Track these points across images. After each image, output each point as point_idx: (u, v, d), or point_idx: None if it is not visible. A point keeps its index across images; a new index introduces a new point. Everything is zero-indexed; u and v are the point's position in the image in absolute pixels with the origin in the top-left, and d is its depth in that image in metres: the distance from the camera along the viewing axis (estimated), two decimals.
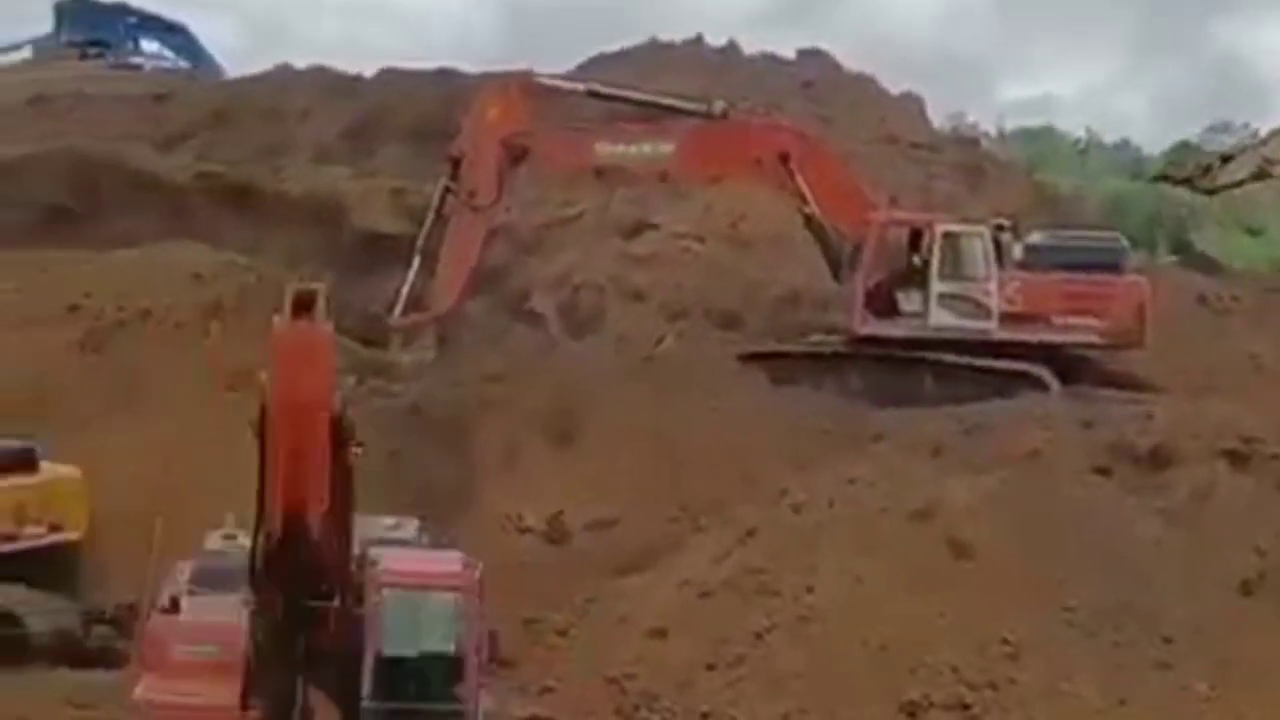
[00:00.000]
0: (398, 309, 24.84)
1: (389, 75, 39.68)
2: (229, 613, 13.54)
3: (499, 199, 24.90)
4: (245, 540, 13.41)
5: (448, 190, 24.69)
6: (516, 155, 24.75)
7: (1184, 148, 40.97)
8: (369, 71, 40.22)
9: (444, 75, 38.09)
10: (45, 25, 49.35)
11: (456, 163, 24.73)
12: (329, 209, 32.20)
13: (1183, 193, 32.56)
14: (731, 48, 38.55)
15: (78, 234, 29.25)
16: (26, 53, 47.79)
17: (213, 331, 23.37)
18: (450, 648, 13.27)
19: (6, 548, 19.67)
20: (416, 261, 24.75)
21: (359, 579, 13.47)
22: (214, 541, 15.08)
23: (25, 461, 20.35)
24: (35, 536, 20.11)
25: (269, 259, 28.19)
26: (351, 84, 39.80)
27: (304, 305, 11.90)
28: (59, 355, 24.23)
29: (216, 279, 26.12)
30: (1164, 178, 33.76)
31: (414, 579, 13.42)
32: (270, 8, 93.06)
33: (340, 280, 28.45)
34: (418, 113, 36.09)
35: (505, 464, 23.38)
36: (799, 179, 24.65)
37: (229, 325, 24.98)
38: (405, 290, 24.67)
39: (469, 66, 37.41)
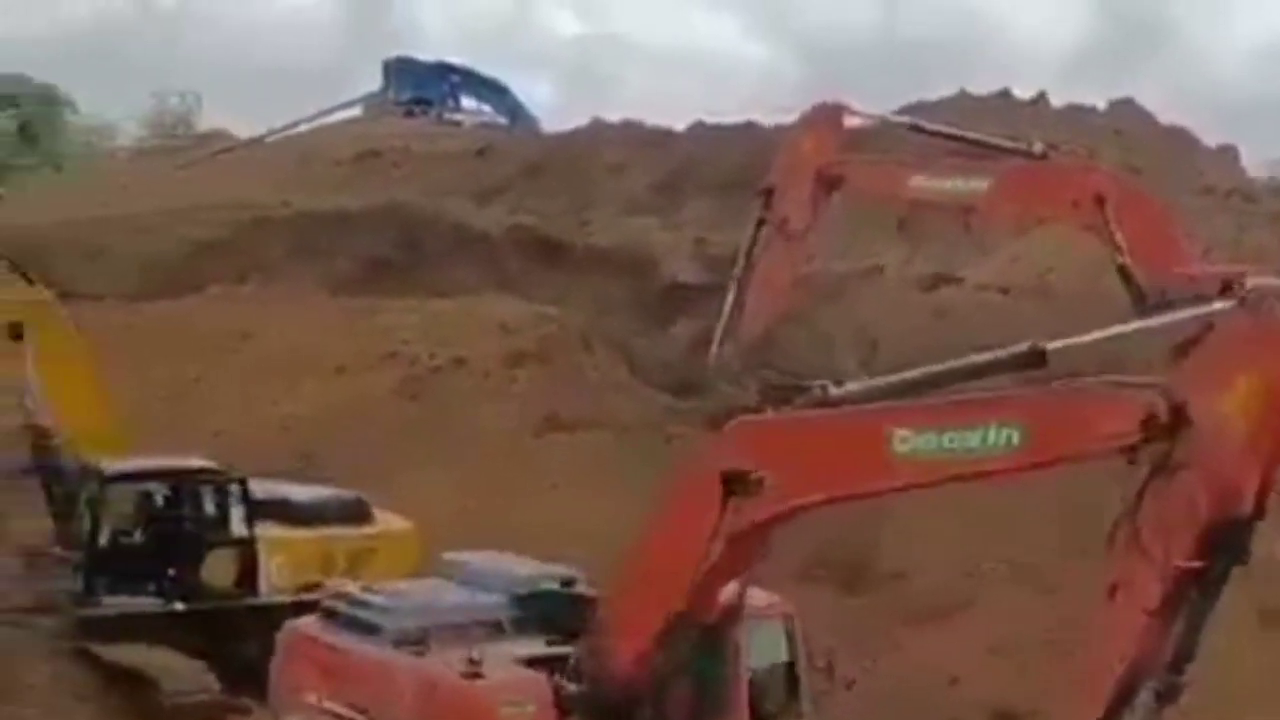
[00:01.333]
0: (714, 347, 25.25)
1: (698, 129, 40.48)
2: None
3: (811, 227, 25.20)
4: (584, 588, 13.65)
5: (760, 223, 25.18)
6: (830, 184, 25.01)
7: None
8: (679, 125, 41.15)
9: (750, 128, 38.65)
10: (373, 83, 51.69)
11: (769, 194, 25.23)
12: (636, 261, 32.93)
13: None
14: (1040, 99, 38.12)
15: (398, 284, 30.58)
16: (357, 110, 50.15)
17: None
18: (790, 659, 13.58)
19: (304, 597, 18.66)
20: (730, 296, 25.25)
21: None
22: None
23: (356, 514, 19.69)
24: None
25: (575, 310, 28.99)
26: (662, 137, 40.72)
27: None
28: (378, 400, 25.41)
29: (523, 329, 27.02)
30: None
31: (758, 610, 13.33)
32: (584, 64, 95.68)
33: (644, 331, 29.32)
34: (725, 166, 36.69)
35: None
36: (1114, 224, 24.05)
37: (533, 373, 25.97)
38: (721, 326, 25.15)
39: (774, 118, 37.86)
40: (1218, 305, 10.88)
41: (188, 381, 26.51)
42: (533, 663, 13.06)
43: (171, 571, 18.83)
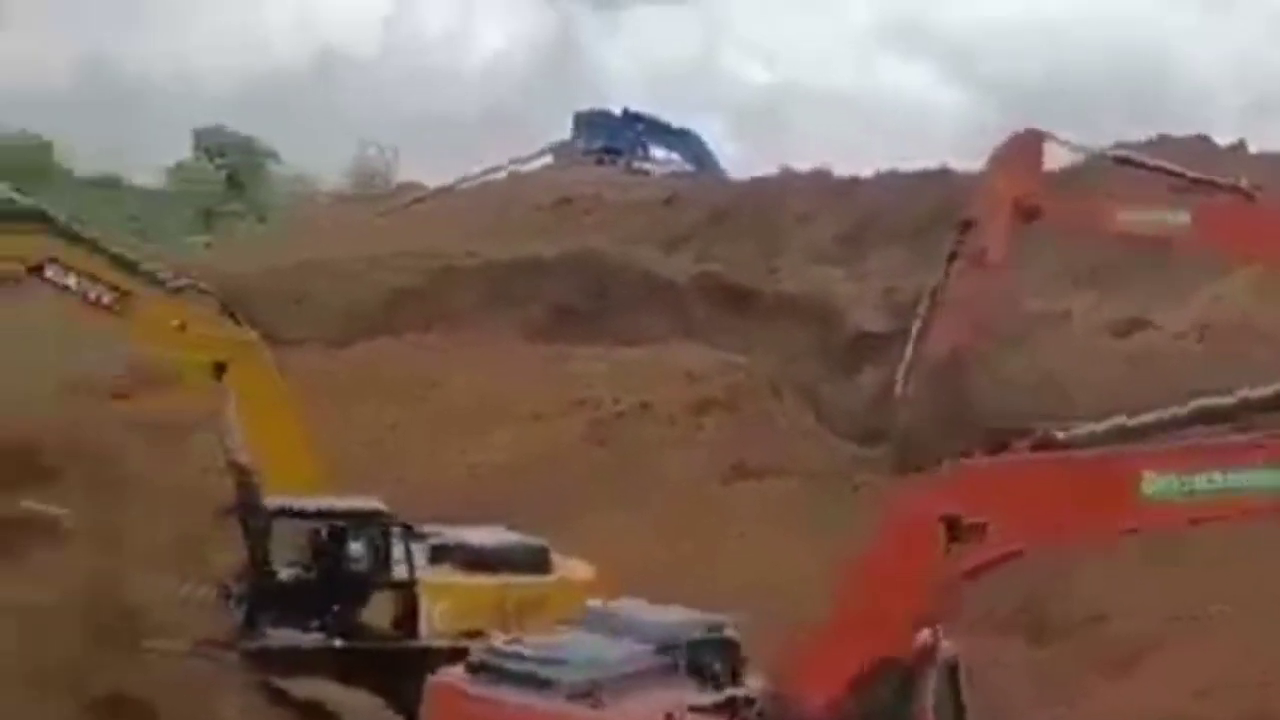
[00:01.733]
0: (899, 381, 25.21)
1: (887, 177, 40.35)
2: None
3: (1007, 260, 25.03)
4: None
5: (953, 256, 25.14)
6: (1028, 215, 24.78)
7: None
8: (867, 172, 41.07)
9: (943, 175, 38.43)
10: (563, 132, 52.43)
11: (967, 226, 25.18)
12: (821, 309, 32.91)
13: None
14: (1240, 145, 37.43)
15: (587, 331, 30.98)
16: (548, 158, 50.96)
17: None
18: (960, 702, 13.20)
19: (462, 643, 17.96)
20: (915, 329, 25.22)
21: None
22: None
23: (534, 562, 19.24)
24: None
25: (760, 358, 29.08)
26: (849, 186, 40.65)
27: None
28: (566, 445, 25.76)
29: (709, 377, 27.21)
30: None
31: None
32: (771, 112, 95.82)
33: (828, 380, 29.31)
34: (914, 213, 36.51)
35: None
36: None
37: (720, 421, 26.11)
38: (906, 361, 25.10)
39: (970, 164, 37.61)
40: None
41: (383, 427, 27.15)
42: (707, 711, 12.83)
43: (334, 609, 19.11)
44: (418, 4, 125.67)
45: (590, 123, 51.69)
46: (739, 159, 73.62)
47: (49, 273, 20.00)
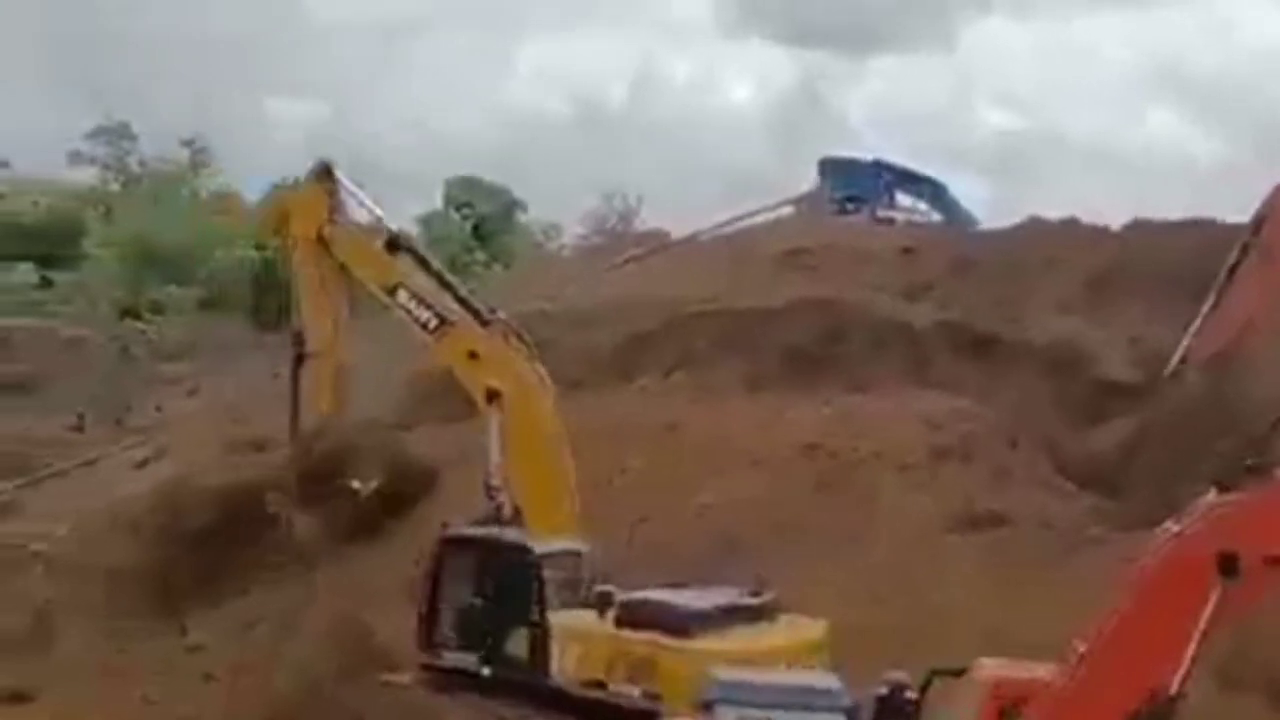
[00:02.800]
0: (1175, 358, 25.43)
1: (1138, 226, 39.24)
2: None
3: None
4: None
5: (1245, 249, 25.18)
6: None
7: None
8: (1117, 223, 40.02)
9: (1198, 225, 37.24)
10: (806, 182, 52.28)
11: (1260, 224, 25.27)
12: (1064, 358, 32.08)
13: None
14: None
15: (818, 378, 30.75)
16: (788, 209, 50.74)
17: None
18: None
19: (585, 693, 18.38)
20: (1204, 311, 25.40)
21: None
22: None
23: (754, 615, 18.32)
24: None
25: (999, 407, 28.51)
26: (1099, 235, 39.65)
27: None
28: (794, 492, 25.61)
29: (946, 424, 26.77)
30: None
31: None
32: (1020, 159, 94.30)
33: (1066, 429, 28.53)
34: (1165, 263, 35.41)
35: None
36: None
37: (955, 469, 25.63)
38: (1185, 342, 25.46)
39: (1230, 216, 36.45)
40: None
41: (618, 471, 27.28)
42: None
43: (489, 639, 19.80)
44: (664, 56, 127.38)
45: (834, 170, 51.34)
46: (989, 207, 72.73)
47: (399, 295, 22.71)
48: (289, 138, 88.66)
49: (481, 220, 62.97)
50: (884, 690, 14.75)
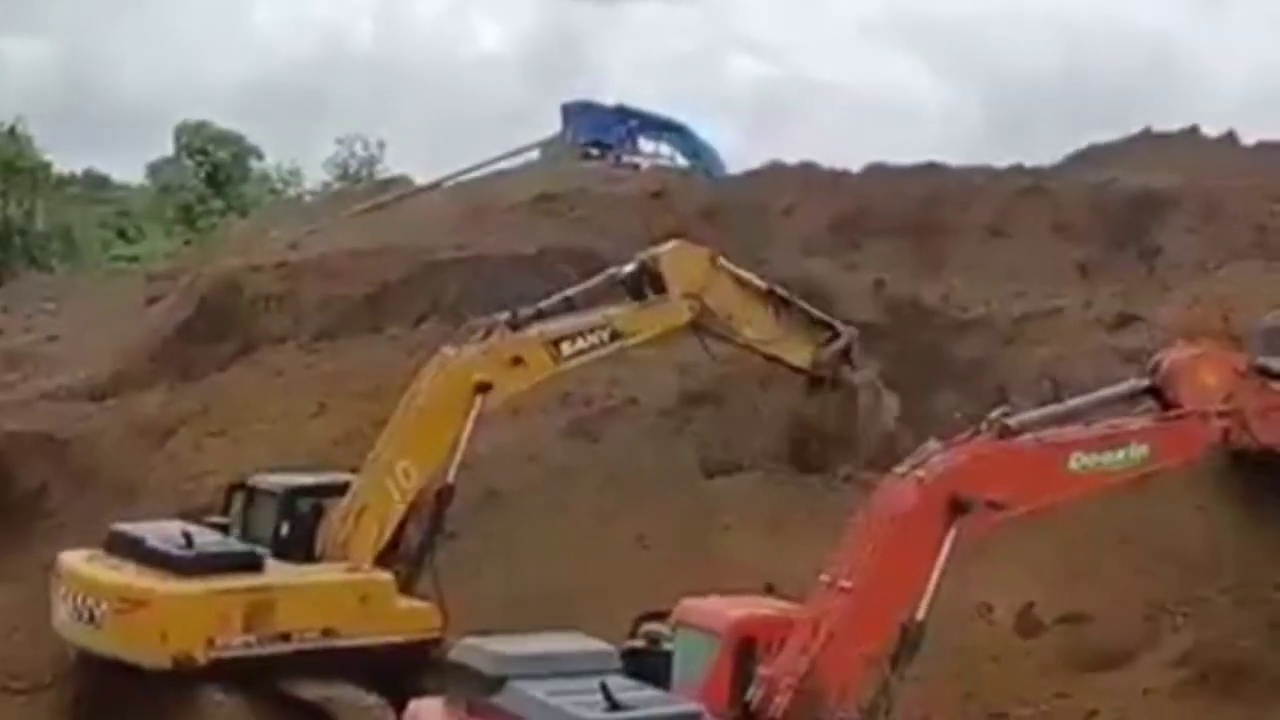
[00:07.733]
0: None
1: (875, 171, 40.02)
2: None
3: None
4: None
5: None
6: None
7: None
8: (855, 167, 40.80)
9: (930, 170, 38.17)
10: (553, 128, 51.81)
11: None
12: (811, 300, 32.64)
13: None
14: (1229, 137, 37.16)
15: None
16: (534, 155, 50.23)
17: None
18: None
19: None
20: None
21: None
22: None
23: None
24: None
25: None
26: (837, 179, 40.32)
27: None
28: (548, 441, 25.52)
29: (698, 369, 26.94)
30: None
31: None
32: (766, 106, 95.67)
33: None
34: (901, 207, 36.28)
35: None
36: None
37: (709, 413, 25.88)
38: None
39: (955, 160, 37.44)
40: None
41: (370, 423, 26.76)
42: None
43: None
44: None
45: (578, 115, 50.85)
46: (741, 153, 73.50)
47: None
48: (17, 79, 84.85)
49: (216, 167, 61.03)
50: (640, 643, 15.89)
